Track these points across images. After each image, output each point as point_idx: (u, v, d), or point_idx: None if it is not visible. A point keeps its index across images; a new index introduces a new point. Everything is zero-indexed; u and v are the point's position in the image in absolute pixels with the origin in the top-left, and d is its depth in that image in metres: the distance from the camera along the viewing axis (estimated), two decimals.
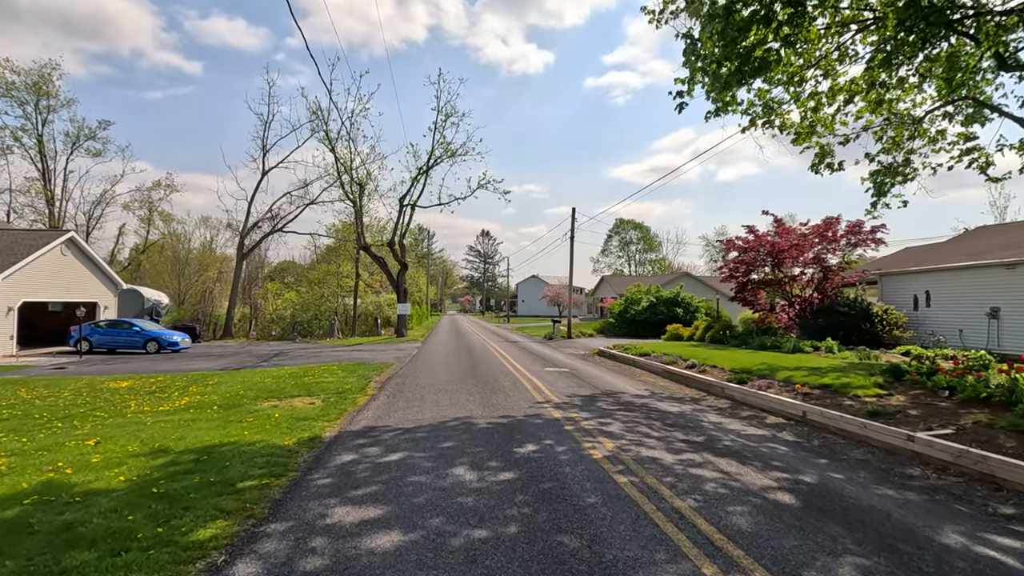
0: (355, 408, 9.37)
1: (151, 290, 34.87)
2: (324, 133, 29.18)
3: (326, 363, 17.80)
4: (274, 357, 21.25)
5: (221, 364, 18.57)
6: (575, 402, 10.26)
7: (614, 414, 9.11)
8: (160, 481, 5.25)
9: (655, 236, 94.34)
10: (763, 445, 7.36)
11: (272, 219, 41.72)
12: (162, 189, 44.75)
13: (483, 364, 17.29)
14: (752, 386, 11.61)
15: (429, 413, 8.93)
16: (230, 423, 8.06)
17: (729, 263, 23.18)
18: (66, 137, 43.47)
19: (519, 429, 7.69)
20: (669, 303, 34.44)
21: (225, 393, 11.32)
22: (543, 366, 17.09)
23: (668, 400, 11.13)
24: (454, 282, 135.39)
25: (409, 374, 14.46)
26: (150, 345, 24.29)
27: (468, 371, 15.15)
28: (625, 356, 19.05)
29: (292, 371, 15.30)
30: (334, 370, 15.22)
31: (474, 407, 9.47)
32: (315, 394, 10.88)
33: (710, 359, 15.92)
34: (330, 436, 7.29)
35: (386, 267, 33.88)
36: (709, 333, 22.64)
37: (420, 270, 72.99)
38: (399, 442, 6.92)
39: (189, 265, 50.14)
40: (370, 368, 15.82)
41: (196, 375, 15.17)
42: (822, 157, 16.37)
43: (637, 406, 10.18)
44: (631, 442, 7.05)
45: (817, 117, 15.83)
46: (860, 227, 20.97)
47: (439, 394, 11.00)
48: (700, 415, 9.54)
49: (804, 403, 9.62)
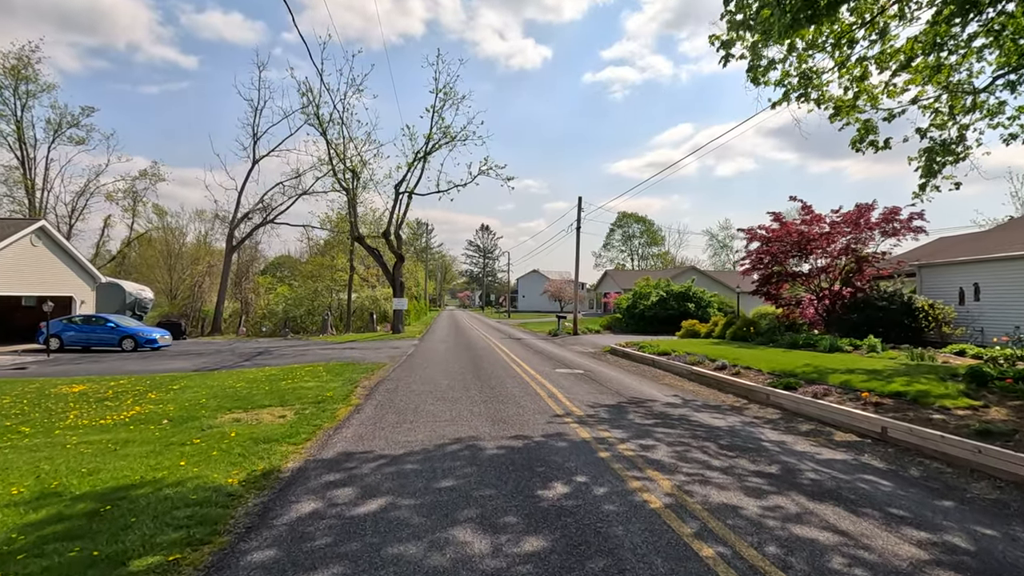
0: (333, 424, 7.62)
1: (134, 284, 33.08)
2: (315, 116, 27.30)
3: (312, 363, 16.04)
4: (257, 356, 19.50)
5: (197, 364, 16.83)
6: (601, 414, 8.52)
7: (652, 431, 7.37)
8: (18, 557, 3.51)
9: (658, 230, 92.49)
10: (856, 478, 5.63)
11: (264, 210, 39.88)
12: (148, 179, 42.80)
13: (486, 364, 15.55)
14: (804, 393, 9.88)
15: (424, 431, 7.19)
16: (170, 447, 6.31)
17: (752, 254, 21.39)
18: (47, 124, 41.59)
19: (540, 457, 5.95)
20: (680, 298, 32.70)
21: (184, 402, 9.57)
22: (553, 366, 15.35)
23: (707, 410, 9.40)
24: (453, 277, 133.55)
25: (403, 377, 12.71)
26: (126, 343, 22.54)
27: (470, 373, 13.41)
28: (642, 355, 17.32)
29: (271, 373, 13.56)
30: (319, 372, 13.47)
31: (479, 422, 7.73)
32: (289, 404, 9.13)
33: (740, 359, 14.20)
34: (292, 468, 5.54)
35: (381, 259, 32.02)
36: (730, 330, 20.90)
37: (418, 265, 71.19)
38: (381, 479, 5.18)
39: (182, 259, 48.33)
40: (359, 369, 14.07)
41: (164, 377, 13.43)
42: (865, 133, 14.62)
43: (675, 418, 8.45)
44: (691, 477, 5.31)
45: (863, 87, 14.05)
46: (896, 214, 19.20)
47: (437, 403, 9.26)
48: (753, 430, 7.81)
49: (880, 416, 7.88)
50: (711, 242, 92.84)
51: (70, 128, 42.17)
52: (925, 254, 21.23)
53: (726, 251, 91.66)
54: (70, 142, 42.39)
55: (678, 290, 33.14)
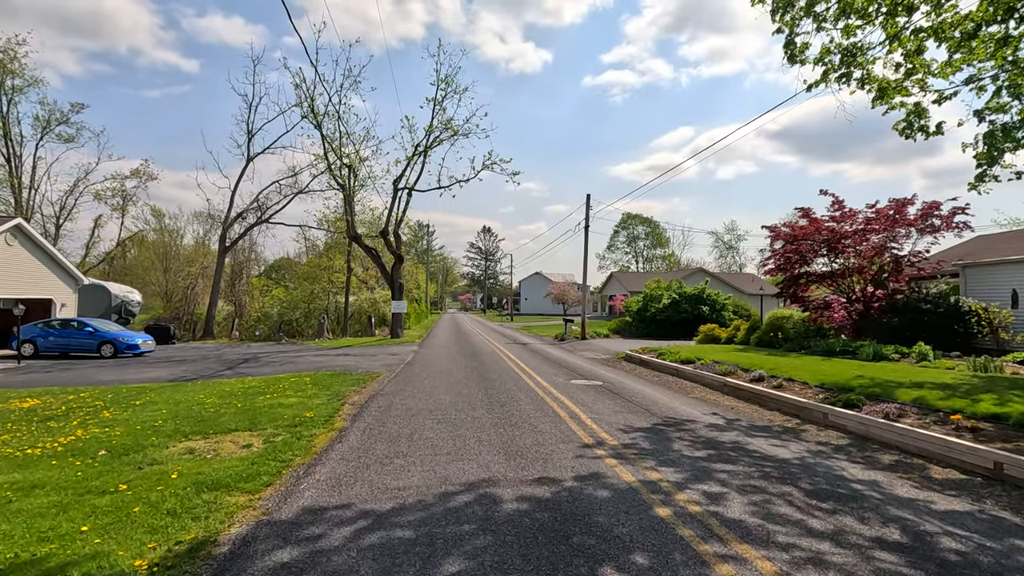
0: (307, 459, 6.07)
1: (121, 286, 31.57)
2: (309, 108, 25.73)
3: (299, 372, 14.51)
4: (243, 363, 17.97)
5: (176, 373, 15.30)
6: (639, 442, 6.97)
7: (711, 469, 5.81)
8: None
9: (664, 231, 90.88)
10: (1011, 547, 4.09)
11: (258, 209, 38.39)
12: (139, 178, 41.34)
13: (493, 374, 14.00)
14: (871, 412, 8.32)
15: (420, 470, 5.63)
16: (83, 497, 4.77)
17: (777, 253, 19.84)
18: (36, 121, 40.11)
19: (577, 515, 4.40)
20: (693, 300, 31.13)
21: (138, 424, 8.04)
22: (567, 376, 13.81)
23: (759, 433, 7.85)
24: (454, 280, 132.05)
25: (399, 391, 11.16)
26: (105, 348, 21.02)
27: (476, 385, 11.86)
28: (663, 363, 15.76)
29: (251, 385, 12.02)
30: (304, 384, 11.94)
31: (491, 455, 6.18)
32: (260, 427, 7.59)
33: (778, 369, 12.65)
34: (233, 538, 3.98)
35: (379, 260, 30.39)
36: (755, 335, 19.34)
37: (420, 267, 69.59)
38: (357, 560, 3.62)
39: (178, 261, 46.94)
40: (351, 381, 12.53)
41: (132, 389, 11.92)
42: (917, 116, 13.11)
43: (728, 447, 6.90)
44: (795, 554, 3.76)
45: (918, 62, 12.51)
46: (936, 209, 17.65)
47: (438, 427, 7.71)
48: (829, 464, 6.26)
49: (988, 447, 6.32)
50: (716, 244, 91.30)
51: (59, 125, 40.69)
52: (966, 253, 19.66)
53: (732, 253, 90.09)
54: (59, 140, 40.92)
55: (691, 292, 31.58)
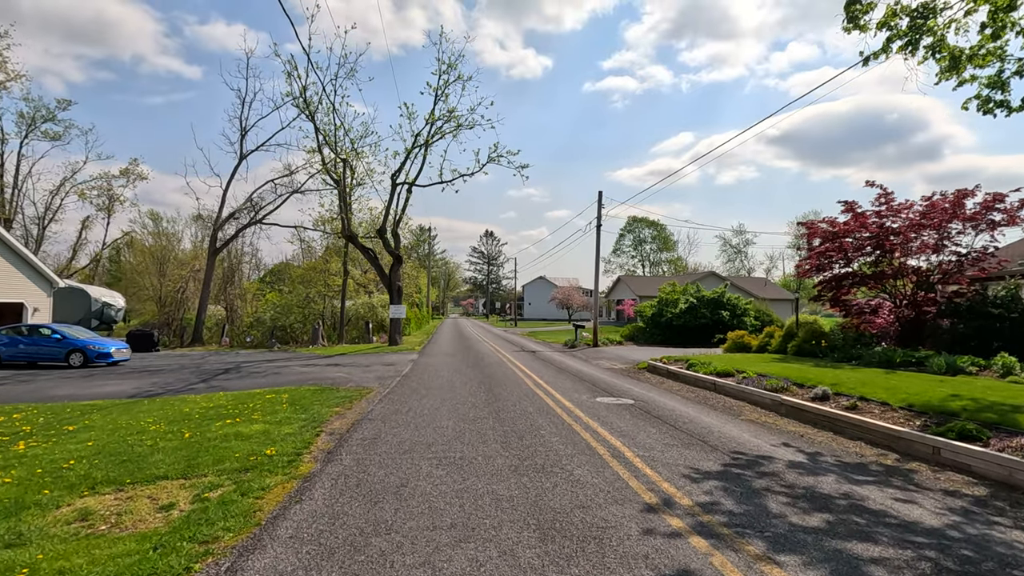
0: (239, 538, 4.09)
1: (101, 289, 29.73)
2: (302, 98, 23.82)
3: (279, 387, 12.55)
4: (222, 374, 16.03)
5: (141, 387, 13.38)
6: (719, 500, 4.98)
7: (852, 557, 3.83)
8: None
9: (671, 235, 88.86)
10: None
11: (252, 210, 36.50)
12: (127, 177, 39.57)
13: (504, 390, 12.03)
14: (1008, 449, 6.33)
15: (412, 561, 3.66)
16: None
17: (815, 253, 17.82)
18: (20, 118, 38.49)
19: None
20: (713, 305, 29.12)
21: (42, 464, 6.08)
22: (590, 392, 11.83)
23: (860, 477, 5.88)
24: (456, 284, 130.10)
25: (392, 414, 9.19)
26: (74, 357, 19.11)
27: (485, 406, 9.89)
28: (695, 375, 13.76)
29: (217, 405, 10.07)
30: (278, 404, 9.98)
31: (517, 532, 4.20)
32: (198, 472, 5.63)
33: (840, 384, 10.66)
34: None
35: (377, 261, 28.32)
36: (792, 343, 17.32)
37: (421, 271, 67.47)
38: None
39: (175, 264, 45.08)
40: (336, 398, 10.57)
41: (77, 408, 10.00)
42: (1002, 87, 11.14)
43: (841, 505, 4.93)
44: None
45: (1008, 20, 10.56)
46: (1000, 200, 15.66)
47: (438, 472, 5.74)
48: (1008, 539, 4.27)
49: None
50: (724, 248, 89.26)
51: (45, 123, 39.10)
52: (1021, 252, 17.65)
53: (740, 257, 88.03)
54: (44, 137, 39.32)
55: (710, 296, 29.57)
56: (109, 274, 66.21)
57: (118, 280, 59.30)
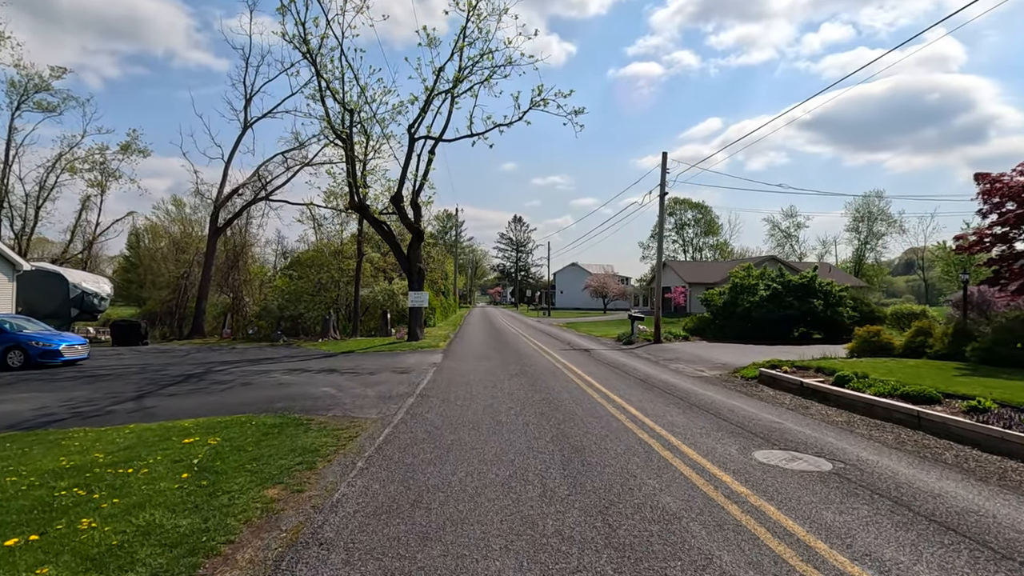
0: None
1: (83, 273, 26.01)
2: (302, 37, 19.18)
3: (225, 416, 8.07)
4: (177, 384, 11.77)
5: (50, 405, 9.16)
6: None
7: None
8: None
9: (716, 217, 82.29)
10: None
11: (260, 185, 32.43)
12: (126, 152, 35.95)
13: (583, 432, 7.29)
14: None
15: None
16: None
17: (1009, 217, 12.47)
18: (11, 87, 35.05)
19: None
20: (801, 292, 23.79)
21: None
22: (731, 437, 6.99)
23: None
24: (484, 272, 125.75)
25: (371, 522, 4.55)
26: (13, 356, 15.18)
27: (564, 482, 5.21)
28: (867, 399, 8.71)
29: (82, 463, 5.62)
30: (178, 470, 5.47)
31: None
32: None
33: None
34: None
35: (392, 237, 23.36)
36: (971, 345, 12.07)
37: (448, 258, 62.98)
38: None
39: (175, 247, 41.79)
40: (288, 453, 6.02)
41: None
42: None
43: None
44: None
45: None
46: None
47: None
48: None
49: None
50: (772, 232, 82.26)
51: (38, 93, 35.62)
52: None
53: (791, 241, 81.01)
54: (38, 109, 35.85)
55: (797, 282, 24.23)
56: (127, 260, 63.84)
57: (135, 266, 56.65)
